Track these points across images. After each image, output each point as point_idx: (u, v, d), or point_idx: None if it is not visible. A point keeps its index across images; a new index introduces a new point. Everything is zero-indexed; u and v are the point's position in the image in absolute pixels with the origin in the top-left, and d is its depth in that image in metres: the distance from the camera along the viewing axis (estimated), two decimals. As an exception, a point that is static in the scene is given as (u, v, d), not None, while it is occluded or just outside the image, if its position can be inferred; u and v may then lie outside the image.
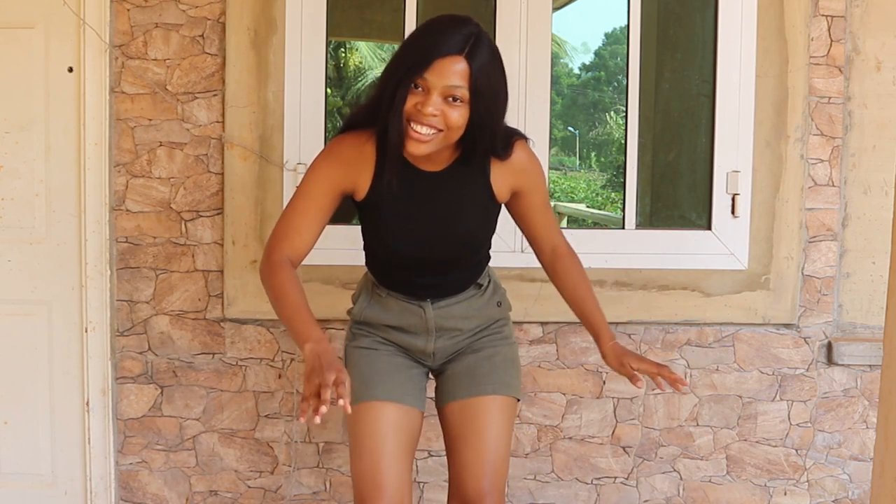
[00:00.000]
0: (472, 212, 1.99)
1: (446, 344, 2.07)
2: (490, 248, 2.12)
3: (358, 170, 1.94)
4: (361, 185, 1.95)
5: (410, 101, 1.82)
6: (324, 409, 1.61)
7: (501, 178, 1.99)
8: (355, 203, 2.00)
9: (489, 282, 2.12)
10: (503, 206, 2.07)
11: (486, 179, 1.98)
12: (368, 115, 1.93)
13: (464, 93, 1.81)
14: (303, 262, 2.68)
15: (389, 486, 1.91)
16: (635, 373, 1.97)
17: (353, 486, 1.97)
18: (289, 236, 1.92)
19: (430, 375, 2.15)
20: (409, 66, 1.81)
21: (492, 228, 2.07)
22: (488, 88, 1.83)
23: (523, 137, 2.01)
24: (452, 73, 1.79)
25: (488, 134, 1.89)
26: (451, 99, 1.81)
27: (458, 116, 1.82)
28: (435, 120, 1.82)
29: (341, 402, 1.65)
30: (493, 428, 2.02)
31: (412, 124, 1.83)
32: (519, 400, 2.12)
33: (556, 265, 2.12)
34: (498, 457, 2.02)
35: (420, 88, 1.82)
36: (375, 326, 2.09)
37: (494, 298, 2.12)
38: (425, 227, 1.97)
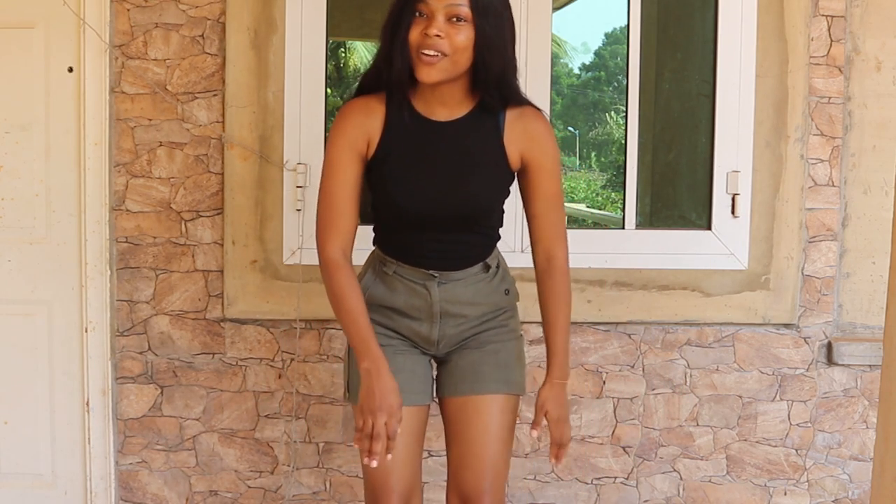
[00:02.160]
0: (482, 169, 1.96)
1: (451, 332, 2.04)
2: (500, 225, 2.08)
3: (369, 126, 1.96)
4: (372, 141, 1.96)
5: (416, 30, 1.85)
6: (374, 463, 1.85)
7: (515, 139, 1.97)
8: (366, 168, 1.99)
9: (498, 266, 2.08)
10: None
11: (500, 137, 1.96)
12: (376, 70, 1.95)
13: (465, 11, 1.83)
14: (303, 263, 2.70)
15: (399, 486, 1.99)
16: (542, 421, 2.02)
17: (364, 487, 2.07)
18: (334, 222, 1.95)
19: (434, 362, 2.12)
20: None
21: (501, 195, 2.03)
22: (490, 5, 1.86)
23: (541, 110, 2.02)
24: None
25: (498, 57, 1.89)
26: (454, 19, 1.83)
27: (464, 38, 1.84)
28: (440, 42, 1.83)
29: (373, 462, 1.86)
30: (494, 427, 2.02)
31: (421, 52, 1.85)
32: (522, 395, 2.11)
33: (546, 280, 2.06)
34: (499, 456, 2.02)
35: (423, 15, 1.85)
36: (380, 312, 2.04)
37: (503, 286, 2.08)
38: (432, 180, 1.95)
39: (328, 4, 2.70)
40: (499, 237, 2.11)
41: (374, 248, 2.11)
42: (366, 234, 2.07)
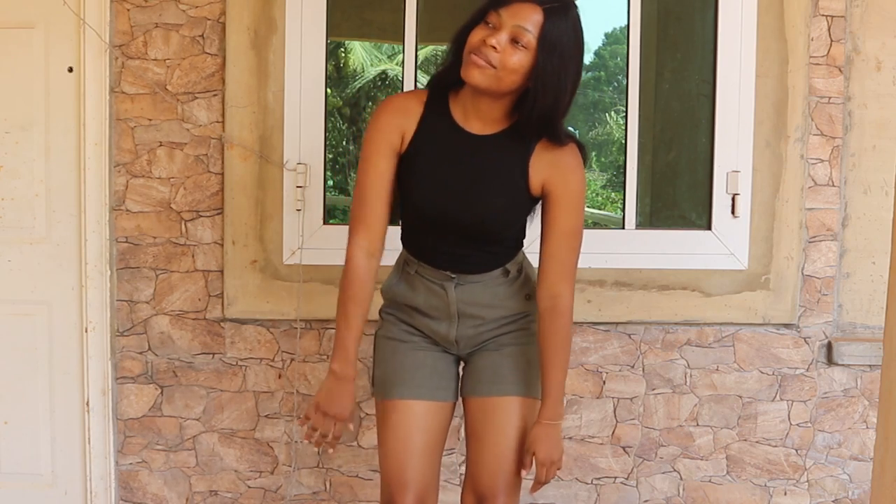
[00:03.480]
0: (501, 187, 1.96)
1: (469, 332, 2.05)
2: (522, 237, 2.08)
3: (405, 120, 1.97)
4: (406, 135, 1.97)
5: (478, 34, 1.86)
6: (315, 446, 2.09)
7: (541, 167, 1.96)
8: (399, 161, 2.00)
9: (520, 272, 2.08)
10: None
11: (526, 161, 1.96)
12: (446, 68, 1.97)
13: (530, 39, 1.83)
14: (304, 263, 2.70)
15: (415, 482, 2.01)
16: (531, 464, 2.03)
17: (381, 480, 2.07)
18: (365, 218, 1.99)
19: (462, 362, 2.13)
20: (489, 3, 1.87)
21: (517, 215, 2.02)
22: (558, 47, 1.85)
23: (582, 147, 1.99)
24: (526, 17, 1.83)
25: (550, 96, 1.88)
26: (515, 41, 1.83)
27: (518, 60, 1.84)
28: (492, 54, 1.84)
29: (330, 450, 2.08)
30: (511, 428, 2.03)
31: (472, 54, 1.86)
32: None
33: (547, 319, 2.01)
34: (515, 457, 2.04)
35: (491, 24, 1.85)
36: (402, 310, 2.08)
37: (524, 290, 2.08)
38: (452, 187, 1.96)
39: (328, 4, 2.70)
40: (521, 247, 2.10)
41: (402, 248, 2.14)
42: (395, 233, 2.09)
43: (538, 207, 2.03)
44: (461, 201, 1.96)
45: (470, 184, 1.96)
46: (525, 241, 2.11)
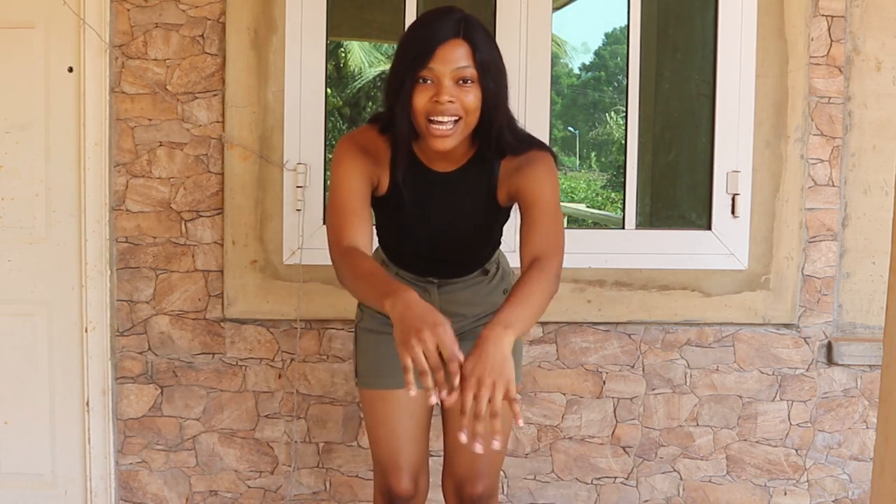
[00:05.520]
0: (478, 214, 1.99)
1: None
2: (500, 235, 2.10)
3: (377, 162, 1.94)
4: (383, 179, 1.96)
5: (423, 98, 1.81)
6: (444, 395, 1.52)
7: (506, 181, 1.96)
8: (374, 198, 1.98)
9: (497, 268, 2.13)
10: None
11: (494, 186, 1.96)
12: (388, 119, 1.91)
13: (472, 72, 1.81)
14: (304, 263, 2.70)
15: (408, 464, 2.10)
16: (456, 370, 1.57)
17: (374, 466, 2.15)
18: (348, 221, 1.84)
19: None
20: (412, 58, 1.81)
21: (498, 227, 2.07)
22: (492, 63, 1.84)
23: (550, 152, 1.97)
24: (456, 56, 1.80)
25: (501, 113, 1.87)
26: (461, 81, 1.81)
27: (473, 98, 1.83)
28: (453, 107, 1.81)
29: (442, 395, 1.52)
30: None
31: (431, 121, 1.82)
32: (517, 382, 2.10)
33: (525, 269, 1.89)
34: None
35: (429, 81, 1.81)
36: None
37: (502, 286, 2.13)
38: (434, 227, 1.99)
39: (328, 4, 2.70)
40: (499, 244, 2.14)
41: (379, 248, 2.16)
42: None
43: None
44: (443, 236, 2.00)
45: (445, 221, 1.98)
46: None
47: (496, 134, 1.89)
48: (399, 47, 1.89)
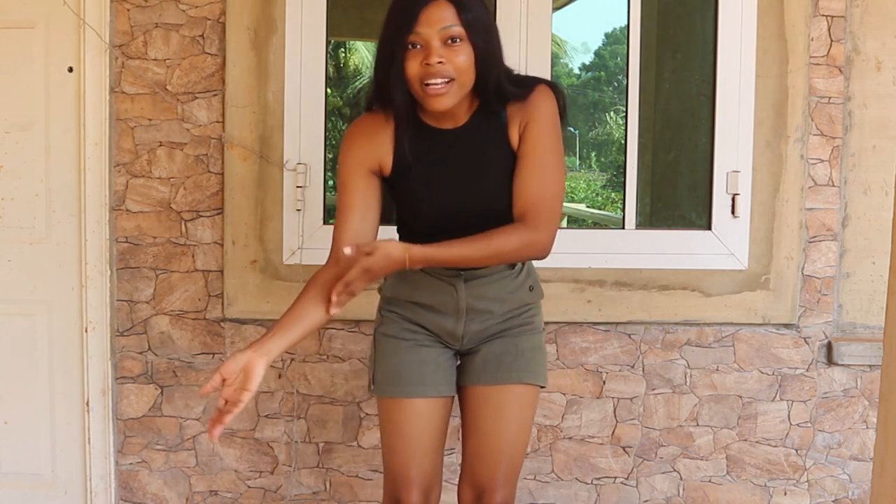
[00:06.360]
0: (494, 165, 1.96)
1: (476, 328, 2.04)
2: None
3: (378, 145, 1.97)
4: (385, 160, 1.97)
5: (415, 63, 1.84)
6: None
7: (515, 123, 1.96)
8: (385, 181, 2.01)
9: (523, 264, 2.08)
10: None
11: (504, 129, 1.96)
12: (380, 94, 1.94)
13: (459, 30, 1.83)
14: (304, 263, 2.70)
15: (420, 479, 2.02)
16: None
17: (385, 476, 2.07)
18: (342, 217, 1.97)
19: (458, 357, 2.11)
20: (398, 26, 1.84)
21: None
22: (479, 19, 1.86)
23: (546, 83, 1.98)
24: (442, 16, 1.82)
25: (495, 68, 1.89)
26: (450, 41, 1.83)
27: (465, 58, 1.84)
28: (444, 68, 1.83)
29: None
30: (513, 419, 2.02)
31: (426, 83, 1.84)
32: (543, 387, 2.11)
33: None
34: (516, 448, 2.04)
35: (418, 46, 1.84)
36: (404, 306, 2.06)
37: (527, 282, 2.08)
38: (452, 187, 1.96)
39: (328, 4, 2.70)
40: None
41: None
42: (389, 233, 2.07)
43: None
44: (464, 194, 1.96)
45: (466, 177, 1.96)
46: None
47: (494, 88, 1.91)
48: (386, 19, 1.91)
